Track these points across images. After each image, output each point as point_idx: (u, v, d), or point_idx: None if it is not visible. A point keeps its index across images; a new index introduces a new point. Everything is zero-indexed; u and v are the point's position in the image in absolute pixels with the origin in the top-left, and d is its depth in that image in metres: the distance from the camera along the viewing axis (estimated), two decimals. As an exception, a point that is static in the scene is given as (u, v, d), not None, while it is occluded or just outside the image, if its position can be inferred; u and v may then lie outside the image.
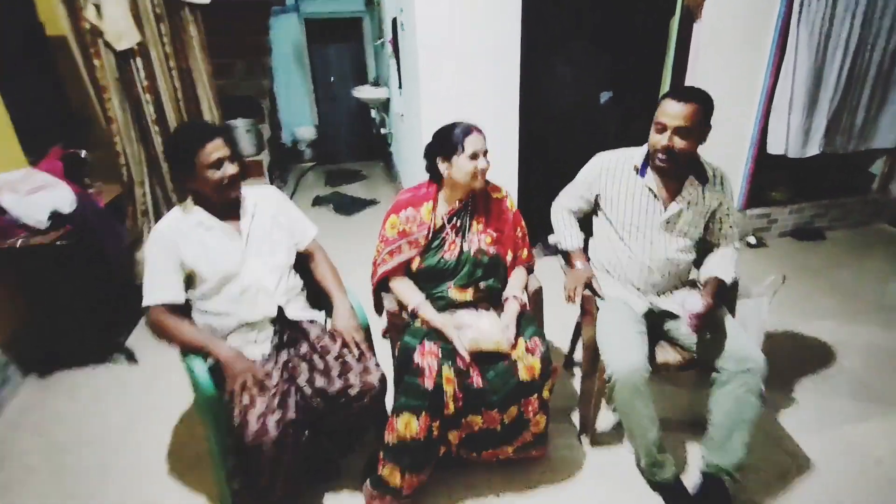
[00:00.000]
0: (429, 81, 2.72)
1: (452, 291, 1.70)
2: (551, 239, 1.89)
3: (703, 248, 1.80)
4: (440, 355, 1.55)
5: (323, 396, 1.52)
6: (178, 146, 1.52)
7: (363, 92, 4.83)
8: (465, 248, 1.71)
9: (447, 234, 1.71)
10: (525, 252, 1.83)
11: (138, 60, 2.34)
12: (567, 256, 1.85)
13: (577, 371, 2.23)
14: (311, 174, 5.71)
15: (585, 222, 1.91)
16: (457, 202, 1.72)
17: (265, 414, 1.40)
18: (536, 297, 1.79)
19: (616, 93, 3.81)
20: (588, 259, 1.86)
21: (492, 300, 1.76)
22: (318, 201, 4.61)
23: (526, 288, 1.81)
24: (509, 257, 1.79)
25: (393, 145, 4.95)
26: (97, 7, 2.19)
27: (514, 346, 1.60)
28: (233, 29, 4.98)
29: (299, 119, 5.99)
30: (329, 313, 1.74)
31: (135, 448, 1.92)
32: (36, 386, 2.26)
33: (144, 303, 1.52)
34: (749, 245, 3.41)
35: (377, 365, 1.59)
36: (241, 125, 4.02)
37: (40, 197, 2.00)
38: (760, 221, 3.50)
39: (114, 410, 2.10)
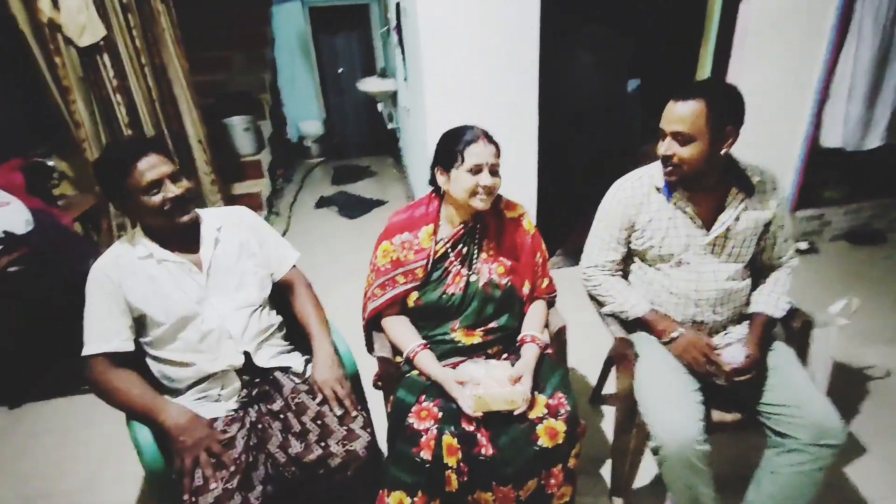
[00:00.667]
0: (433, 71, 2.39)
1: (457, 334, 1.40)
2: (605, 310, 1.53)
3: (756, 268, 1.48)
4: (440, 417, 1.26)
5: (298, 465, 1.25)
6: (104, 170, 1.24)
7: (368, 84, 4.51)
8: (473, 280, 1.41)
9: (451, 263, 1.41)
10: (546, 282, 1.52)
11: (105, 57, 2.07)
12: (640, 325, 1.47)
13: (607, 410, 1.92)
14: (318, 171, 5.43)
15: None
16: (461, 224, 1.42)
17: (221, 499, 1.13)
18: (559, 338, 1.48)
19: (644, 81, 3.45)
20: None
21: (505, 343, 1.46)
22: (322, 202, 4.34)
23: (547, 326, 1.50)
24: (526, 289, 1.48)
25: (402, 141, 4.65)
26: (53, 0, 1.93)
27: (531, 404, 1.30)
28: (229, 19, 4.71)
29: (305, 113, 5.71)
30: (311, 357, 1.46)
31: (108, 486, 1.74)
32: (6, 418, 2.08)
33: (84, 352, 1.25)
34: (799, 251, 3.03)
35: (365, 428, 1.30)
36: (237, 123, 3.76)
37: (-12, 216, 1.76)
38: (811, 224, 3.11)
39: (85, 445, 1.91)
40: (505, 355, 1.44)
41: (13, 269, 1.80)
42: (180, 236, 1.33)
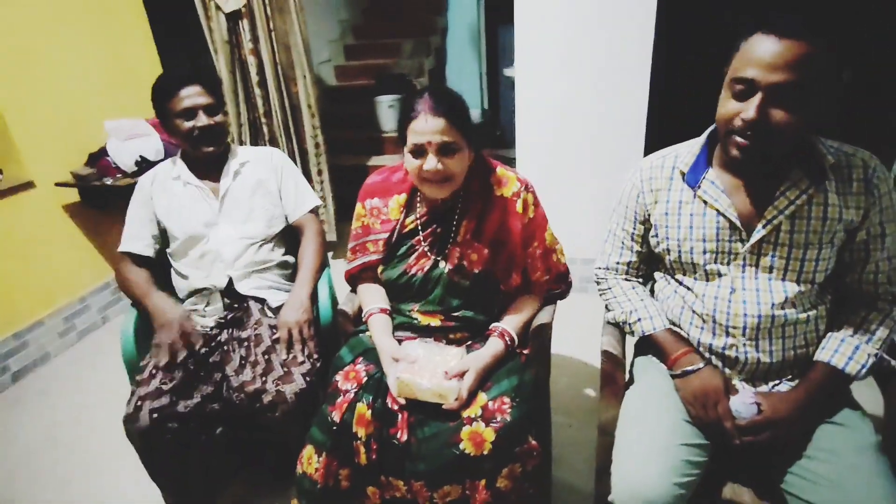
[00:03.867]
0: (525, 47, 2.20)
1: (417, 314, 1.27)
2: (609, 317, 1.20)
3: (843, 297, 1.02)
4: (363, 383, 1.16)
5: (243, 393, 1.29)
6: (155, 92, 1.42)
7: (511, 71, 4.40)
8: (441, 265, 1.24)
9: (418, 241, 1.26)
10: (545, 275, 1.28)
11: (244, 22, 2.41)
12: (652, 343, 1.13)
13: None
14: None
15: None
16: (439, 199, 1.24)
17: (144, 398, 1.22)
18: (538, 338, 1.23)
19: (860, 70, 2.65)
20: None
21: (472, 331, 1.27)
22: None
23: (531, 324, 1.26)
24: (513, 281, 1.26)
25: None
26: (208, -30, 2.32)
27: (465, 402, 1.11)
28: (406, 8, 5.07)
29: (468, 102, 5.84)
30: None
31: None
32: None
33: (119, 248, 1.49)
34: None
35: (306, 376, 1.28)
36: (384, 101, 4.03)
37: (133, 144, 2.21)
38: None
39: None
40: (469, 342, 1.25)
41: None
42: (207, 164, 1.49)
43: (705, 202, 1.00)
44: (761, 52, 0.83)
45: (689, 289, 1.06)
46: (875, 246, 0.95)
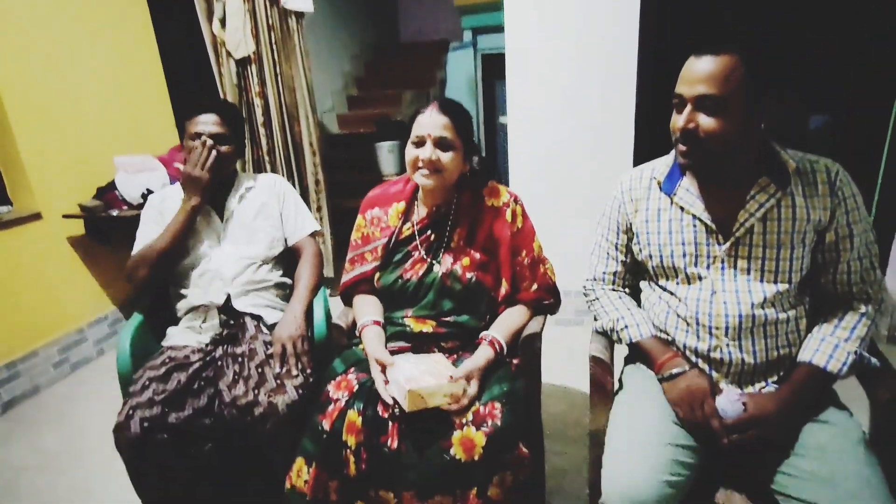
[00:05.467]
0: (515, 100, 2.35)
1: (409, 320, 1.30)
2: (597, 325, 1.24)
3: (821, 296, 1.06)
4: (355, 391, 1.17)
5: (235, 407, 1.29)
6: (182, 112, 1.53)
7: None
8: (435, 269, 1.29)
9: (414, 247, 1.32)
10: (533, 285, 1.31)
11: (252, 67, 2.57)
12: (640, 352, 1.15)
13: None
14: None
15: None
16: (433, 207, 1.32)
17: (136, 408, 1.22)
18: (528, 348, 1.25)
19: (834, 116, 2.79)
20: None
21: (464, 339, 1.29)
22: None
23: (521, 334, 1.28)
24: (503, 289, 1.30)
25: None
26: (221, 21, 2.49)
27: (460, 406, 1.11)
28: (408, 62, 5.38)
29: (465, 150, 6.06)
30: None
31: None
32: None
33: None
34: None
35: (299, 388, 1.28)
36: (384, 146, 4.20)
37: (141, 177, 2.30)
38: None
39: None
40: (460, 352, 1.27)
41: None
42: (217, 188, 1.55)
43: (682, 208, 1.06)
44: (687, 72, 0.97)
45: (672, 293, 1.10)
46: (844, 246, 1.00)
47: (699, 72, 0.95)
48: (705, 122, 0.96)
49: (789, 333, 1.01)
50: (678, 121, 0.99)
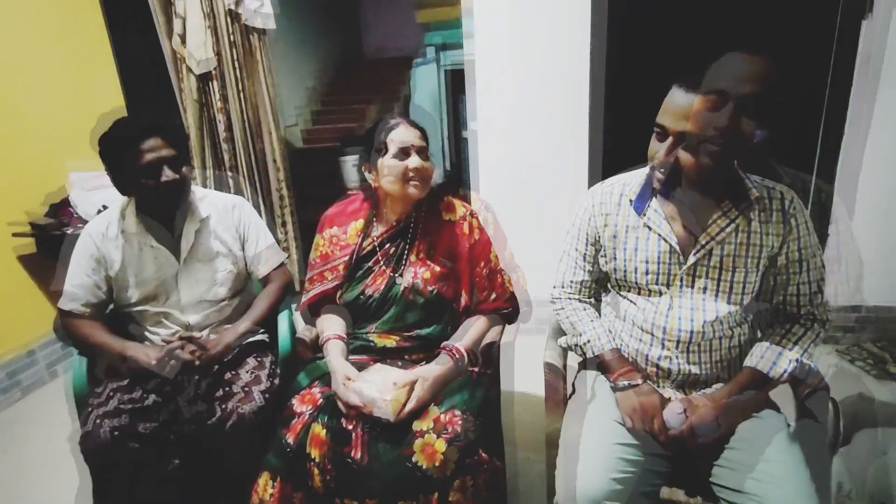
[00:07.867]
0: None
1: (373, 335, 1.33)
2: (562, 341, 1.31)
3: (772, 316, 1.15)
4: (319, 405, 1.20)
5: (201, 424, 1.29)
6: (111, 142, 1.31)
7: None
8: (398, 283, 1.34)
9: (376, 262, 1.36)
10: (493, 294, 1.37)
11: (214, 83, 2.57)
12: (600, 364, 1.23)
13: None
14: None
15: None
16: (394, 221, 1.37)
17: (104, 416, 1.20)
18: (489, 356, 1.31)
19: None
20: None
21: (429, 352, 1.33)
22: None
23: (481, 343, 1.34)
24: (464, 300, 1.35)
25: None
26: (181, 37, 2.48)
27: (415, 412, 1.15)
28: (372, 77, 5.44)
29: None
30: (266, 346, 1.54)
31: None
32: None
33: (59, 305, 1.42)
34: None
35: (265, 392, 1.30)
36: (348, 160, 4.24)
37: (97, 194, 2.26)
38: None
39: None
40: (424, 363, 1.31)
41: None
42: (169, 217, 1.41)
43: (649, 228, 1.13)
44: (671, 103, 1.02)
45: (632, 303, 1.17)
46: (794, 270, 1.08)
47: (688, 104, 0.98)
48: (685, 157, 1.00)
49: (732, 348, 1.11)
50: (661, 151, 1.05)
